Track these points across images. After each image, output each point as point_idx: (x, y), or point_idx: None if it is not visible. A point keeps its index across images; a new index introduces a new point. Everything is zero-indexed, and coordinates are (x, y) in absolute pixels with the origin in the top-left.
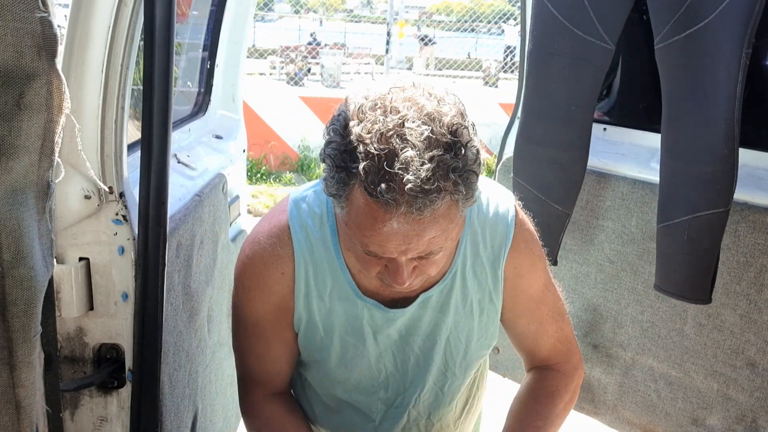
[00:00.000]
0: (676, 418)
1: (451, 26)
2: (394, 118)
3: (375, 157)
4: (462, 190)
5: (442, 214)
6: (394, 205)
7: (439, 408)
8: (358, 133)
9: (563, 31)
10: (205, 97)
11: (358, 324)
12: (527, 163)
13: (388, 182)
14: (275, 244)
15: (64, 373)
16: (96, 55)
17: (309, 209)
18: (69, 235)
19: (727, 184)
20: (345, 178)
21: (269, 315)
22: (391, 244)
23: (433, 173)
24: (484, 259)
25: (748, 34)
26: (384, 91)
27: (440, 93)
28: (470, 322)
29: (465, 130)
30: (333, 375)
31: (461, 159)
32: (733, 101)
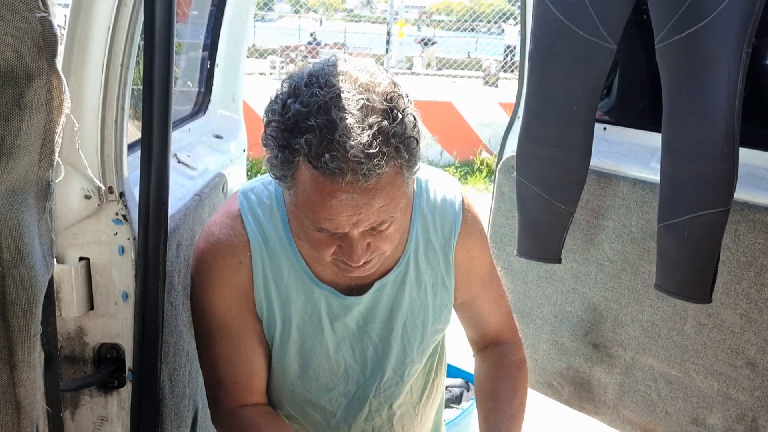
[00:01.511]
0: (676, 417)
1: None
2: (330, 90)
3: (316, 129)
4: (404, 156)
5: (388, 181)
6: (340, 174)
7: (399, 396)
8: (296, 109)
9: (564, 31)
10: (205, 96)
11: (315, 313)
12: (530, 162)
13: (331, 152)
14: (229, 234)
15: (64, 372)
16: (96, 55)
17: (258, 200)
18: (69, 235)
19: (727, 183)
20: (289, 157)
21: (233, 309)
22: (341, 217)
23: (374, 138)
24: (435, 244)
25: (749, 34)
26: (317, 68)
27: (371, 67)
28: (425, 307)
29: (400, 98)
30: (291, 369)
31: (400, 125)
32: (734, 101)
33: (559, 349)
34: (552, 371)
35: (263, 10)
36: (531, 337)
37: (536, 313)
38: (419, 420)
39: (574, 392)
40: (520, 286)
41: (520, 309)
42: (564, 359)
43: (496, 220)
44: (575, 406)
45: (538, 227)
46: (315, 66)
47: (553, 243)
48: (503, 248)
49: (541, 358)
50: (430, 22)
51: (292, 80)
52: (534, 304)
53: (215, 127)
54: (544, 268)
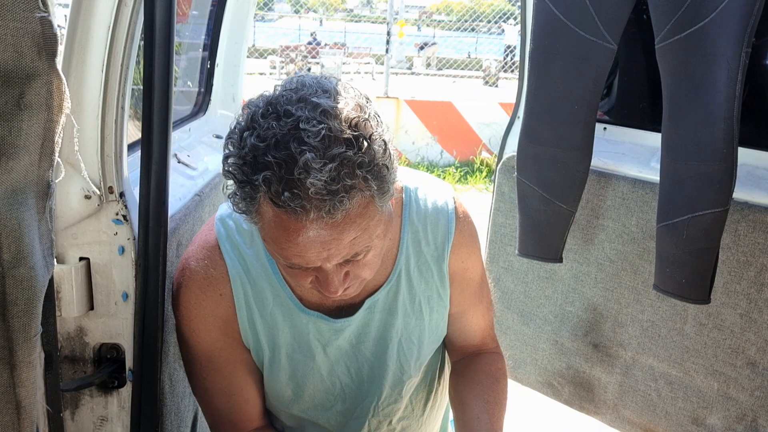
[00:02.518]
0: (676, 417)
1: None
2: (288, 121)
3: (274, 166)
4: (373, 186)
5: (358, 213)
6: (303, 212)
7: (399, 411)
8: (252, 144)
9: (565, 30)
10: (205, 96)
11: (304, 340)
12: (531, 162)
13: (291, 189)
14: (207, 266)
15: (64, 372)
16: (96, 55)
17: (237, 226)
18: (69, 235)
19: (726, 183)
20: (251, 192)
21: (219, 342)
22: (310, 253)
23: (337, 172)
24: (427, 256)
25: (748, 33)
26: (276, 94)
27: (337, 88)
28: (421, 322)
29: (366, 122)
30: (284, 394)
31: (366, 153)
32: (733, 100)
33: (559, 349)
34: (552, 371)
35: (263, 10)
36: (531, 337)
37: (536, 313)
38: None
39: (574, 392)
40: (520, 286)
41: (520, 309)
42: (564, 359)
43: (496, 220)
44: (575, 406)
45: (540, 227)
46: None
47: (555, 242)
48: (503, 248)
49: (541, 358)
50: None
51: (250, 108)
52: (534, 304)
53: (215, 127)
54: (544, 268)
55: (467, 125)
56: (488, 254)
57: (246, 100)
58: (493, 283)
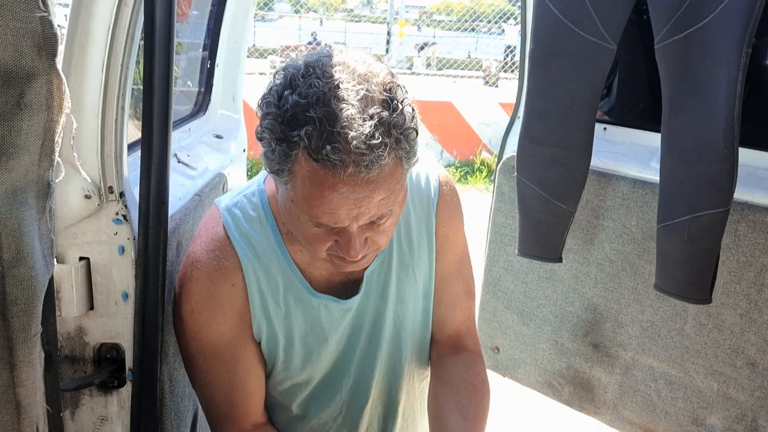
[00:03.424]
0: (676, 417)
1: (452, 26)
2: (328, 81)
3: (316, 121)
4: (405, 147)
5: (389, 173)
6: (342, 166)
7: (399, 382)
8: (294, 101)
9: (565, 30)
10: (205, 96)
11: (317, 323)
12: (530, 162)
13: (332, 143)
14: (218, 257)
15: (64, 372)
16: (96, 54)
17: (244, 215)
18: (69, 235)
19: (727, 183)
20: (286, 150)
21: (227, 334)
22: (342, 210)
23: (375, 129)
24: (416, 221)
25: (749, 34)
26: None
27: (368, 58)
28: (414, 289)
29: (398, 88)
30: (298, 380)
31: (399, 116)
32: (733, 100)
33: (559, 349)
34: (552, 371)
35: (263, 10)
36: (531, 337)
37: (536, 313)
38: (419, 405)
39: (574, 392)
40: (520, 286)
41: (520, 309)
42: (564, 359)
43: (496, 220)
44: (575, 406)
45: (539, 227)
46: (310, 56)
47: (554, 242)
48: (503, 248)
49: (541, 358)
50: (431, 22)
51: (288, 71)
52: (534, 304)
53: (215, 126)
54: (544, 268)
55: (467, 125)
56: (488, 254)
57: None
58: (493, 283)
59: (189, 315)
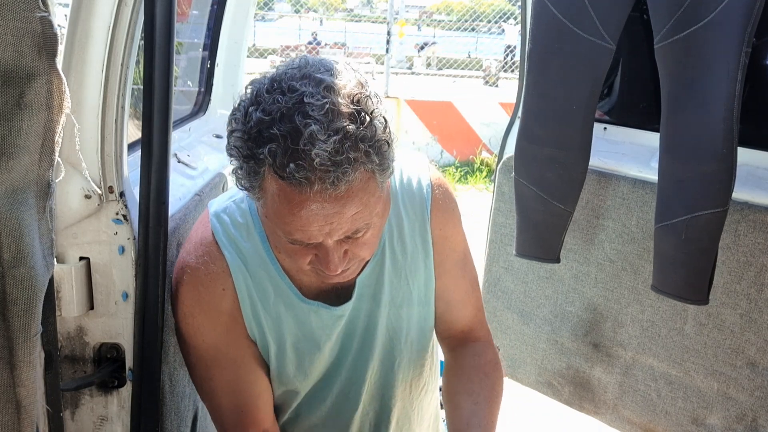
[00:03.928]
0: (676, 417)
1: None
2: (293, 96)
3: (279, 138)
4: (375, 160)
5: (360, 187)
6: (307, 183)
7: (391, 388)
8: (258, 118)
9: (564, 30)
10: (205, 96)
11: (308, 330)
12: (528, 162)
13: (296, 161)
14: (207, 261)
15: (64, 372)
16: (96, 54)
17: (232, 221)
18: (69, 235)
19: (725, 183)
20: (254, 167)
21: (224, 338)
22: (313, 227)
23: (341, 144)
24: (408, 226)
25: (748, 33)
26: (280, 72)
27: (337, 67)
28: (408, 295)
29: (368, 99)
30: (292, 385)
31: (368, 128)
32: (732, 100)
33: (559, 349)
34: (552, 371)
35: (263, 10)
36: (531, 337)
37: (536, 313)
38: (416, 414)
39: (574, 392)
40: (520, 286)
41: (520, 309)
42: (564, 359)
43: (497, 220)
44: (575, 406)
45: (537, 227)
46: (278, 69)
47: (553, 243)
48: (503, 248)
49: (541, 358)
50: (431, 22)
51: (254, 86)
52: (534, 304)
53: (215, 126)
54: (545, 268)
55: (467, 125)
56: (488, 254)
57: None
58: (493, 283)
59: (183, 320)
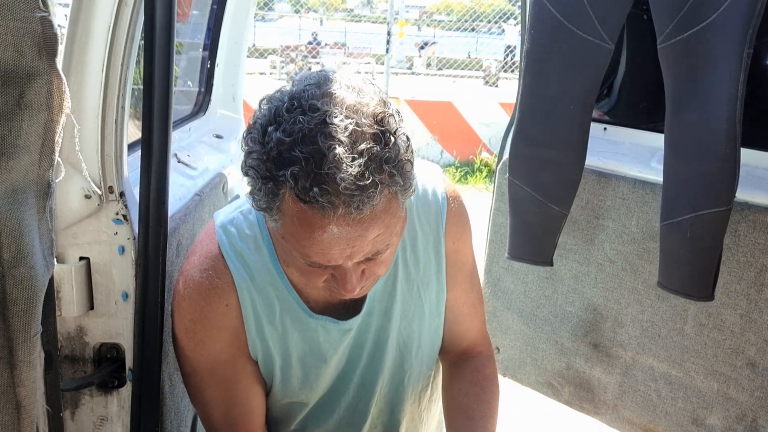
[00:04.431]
0: (676, 417)
1: (452, 26)
2: (315, 115)
3: (302, 161)
4: (399, 181)
5: (382, 209)
6: (331, 207)
7: (401, 402)
8: (279, 138)
9: (562, 30)
10: (205, 96)
11: (315, 344)
12: (524, 163)
13: (320, 185)
14: (211, 276)
15: (64, 372)
16: (96, 54)
17: (239, 233)
18: (69, 235)
19: (728, 183)
20: (273, 189)
21: (224, 354)
22: (334, 251)
23: (366, 167)
24: (422, 239)
25: (750, 34)
26: (299, 89)
27: (357, 83)
28: (420, 309)
29: (391, 118)
30: (297, 399)
31: (392, 149)
32: (735, 101)
33: (559, 349)
34: (552, 371)
35: (263, 10)
36: (531, 337)
37: (536, 313)
38: (424, 426)
39: (574, 392)
40: (520, 286)
41: (520, 309)
42: (564, 359)
43: (497, 220)
44: (575, 406)
45: (531, 229)
46: (296, 86)
47: (546, 245)
48: (503, 248)
49: (541, 358)
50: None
51: (272, 104)
52: (534, 304)
53: (215, 126)
54: (544, 268)
55: (467, 125)
56: (488, 254)
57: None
58: (493, 283)
59: (184, 334)
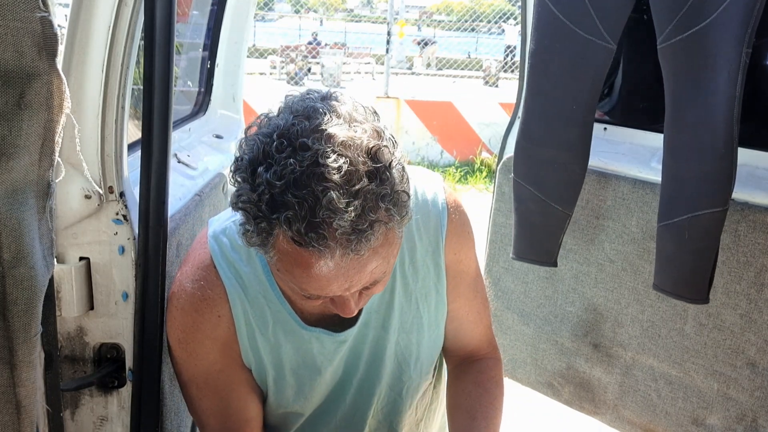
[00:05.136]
0: (676, 417)
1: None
2: (306, 155)
3: (295, 206)
4: (395, 216)
5: (380, 243)
6: (328, 251)
7: (399, 413)
8: (268, 181)
9: (564, 30)
10: (205, 96)
11: (309, 356)
12: (528, 163)
13: (316, 230)
14: (203, 287)
15: (64, 372)
16: (96, 54)
17: (231, 243)
18: (69, 235)
19: (725, 183)
20: (267, 228)
21: (218, 364)
22: (332, 286)
23: (362, 209)
24: (421, 250)
25: (749, 34)
26: (287, 124)
27: (348, 110)
28: (418, 320)
29: (385, 149)
30: (291, 410)
31: (388, 184)
32: (733, 101)
33: (559, 349)
34: (552, 371)
35: (263, 10)
36: (531, 337)
37: (536, 313)
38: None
39: (574, 392)
40: (520, 286)
41: (520, 309)
42: (564, 359)
43: (497, 220)
44: (575, 406)
45: (535, 229)
46: (283, 117)
47: (550, 246)
48: (503, 248)
49: (541, 358)
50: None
51: (259, 140)
52: (534, 304)
53: (215, 126)
54: (545, 268)
55: (467, 125)
56: (488, 254)
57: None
58: (493, 283)
59: (177, 344)
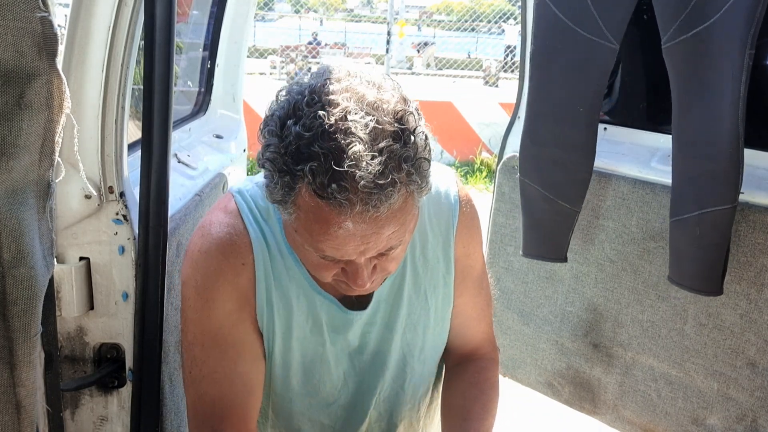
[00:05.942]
0: (676, 417)
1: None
2: (335, 111)
3: (321, 156)
4: (416, 180)
5: (399, 207)
6: (348, 205)
7: (400, 406)
8: (297, 133)
9: (566, 31)
10: (205, 96)
11: (317, 324)
12: (534, 163)
13: (338, 182)
14: (230, 233)
15: (64, 372)
16: (96, 54)
17: (254, 200)
18: (69, 235)
19: (732, 181)
20: (290, 182)
21: (233, 316)
22: (348, 247)
23: (385, 166)
24: (432, 242)
25: (752, 34)
26: (319, 83)
27: (378, 79)
28: (426, 312)
29: (410, 116)
30: (293, 384)
31: (411, 147)
32: (738, 101)
33: (559, 349)
34: (552, 371)
35: (263, 10)
36: (531, 337)
37: (536, 313)
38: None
39: (574, 392)
40: (520, 286)
41: (520, 309)
42: (564, 359)
43: (496, 220)
44: (575, 406)
45: (544, 227)
46: (315, 79)
47: (559, 242)
48: (503, 248)
49: (541, 358)
50: (431, 22)
51: (291, 96)
52: (534, 304)
53: (215, 126)
54: (545, 268)
55: (467, 125)
56: (488, 254)
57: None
58: (493, 283)
59: (193, 291)
